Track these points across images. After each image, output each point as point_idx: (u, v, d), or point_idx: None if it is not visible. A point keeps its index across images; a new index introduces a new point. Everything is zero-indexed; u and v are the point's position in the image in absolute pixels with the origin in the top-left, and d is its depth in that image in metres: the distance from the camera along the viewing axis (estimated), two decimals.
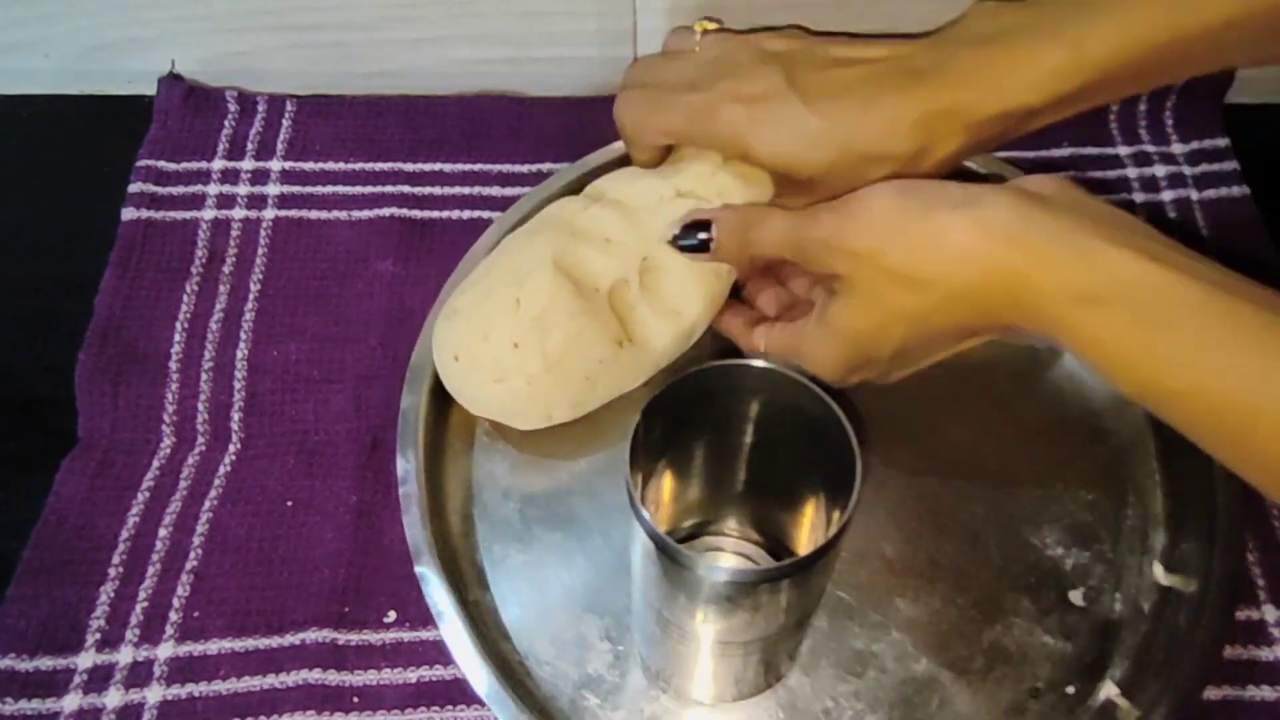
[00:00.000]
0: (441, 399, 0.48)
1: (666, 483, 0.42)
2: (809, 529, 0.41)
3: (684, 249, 0.44)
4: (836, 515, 0.35)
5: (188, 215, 0.56)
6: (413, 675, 0.44)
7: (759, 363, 0.37)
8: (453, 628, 0.42)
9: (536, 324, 0.44)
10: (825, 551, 0.33)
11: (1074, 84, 0.38)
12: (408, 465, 0.46)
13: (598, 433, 0.48)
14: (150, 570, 0.46)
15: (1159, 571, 0.46)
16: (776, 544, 0.45)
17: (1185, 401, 0.34)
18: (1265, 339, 0.32)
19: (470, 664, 0.42)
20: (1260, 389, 0.32)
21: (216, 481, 0.48)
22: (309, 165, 0.58)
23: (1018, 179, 0.39)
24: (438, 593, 0.43)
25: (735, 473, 0.43)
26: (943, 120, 0.40)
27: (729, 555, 0.45)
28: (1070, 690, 0.43)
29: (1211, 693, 0.43)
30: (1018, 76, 0.39)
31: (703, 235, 0.43)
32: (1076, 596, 0.45)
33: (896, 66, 0.41)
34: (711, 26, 0.46)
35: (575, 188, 0.54)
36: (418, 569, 0.44)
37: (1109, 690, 0.43)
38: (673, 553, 0.33)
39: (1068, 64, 0.38)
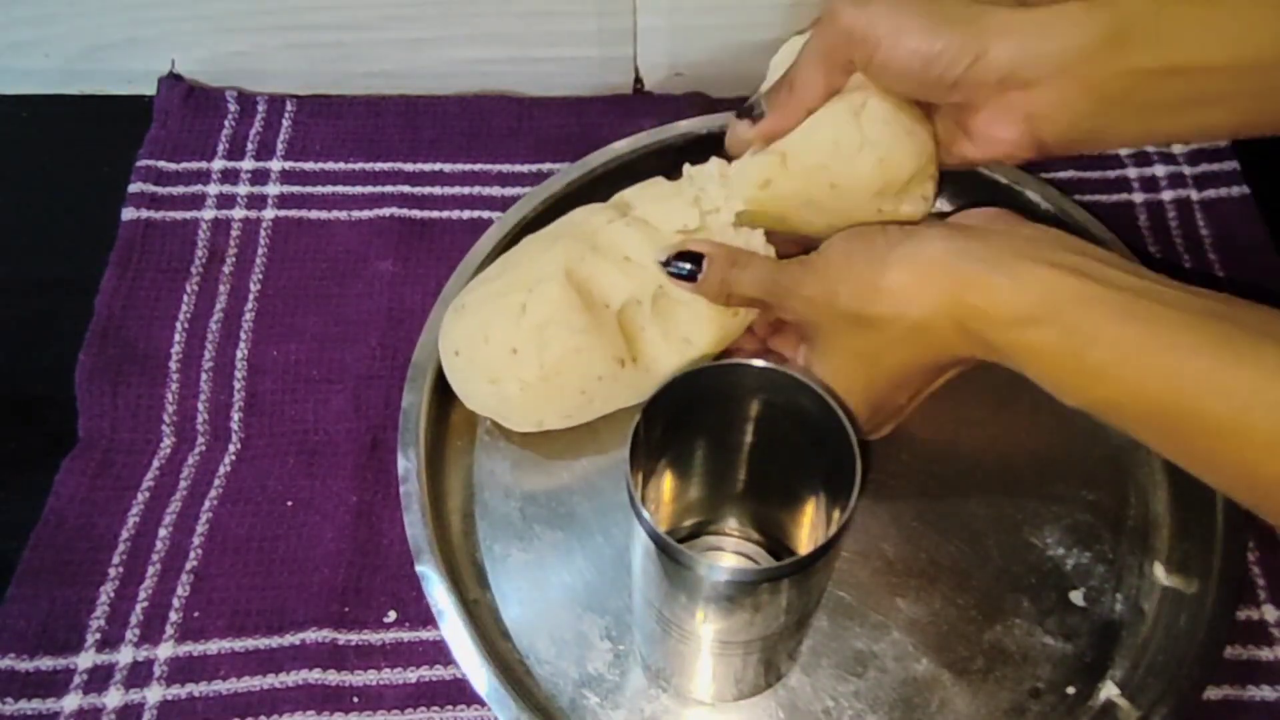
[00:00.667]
0: (443, 398, 0.48)
1: (667, 482, 0.42)
2: (809, 529, 0.41)
3: (671, 274, 0.44)
4: (836, 515, 0.35)
5: (188, 215, 0.56)
6: (413, 675, 0.44)
7: (759, 363, 0.37)
8: (453, 627, 0.42)
9: (537, 333, 0.43)
10: (825, 551, 0.33)
11: None
12: (409, 464, 0.46)
13: (598, 432, 0.48)
14: (150, 570, 0.46)
15: (1160, 572, 0.46)
16: (776, 544, 0.45)
17: (1122, 410, 0.34)
18: (1181, 341, 0.32)
19: (470, 663, 0.42)
20: (1181, 390, 0.32)
21: (216, 481, 0.48)
22: (309, 165, 0.58)
23: (956, 214, 0.40)
24: (438, 591, 0.43)
25: (735, 472, 0.43)
26: None
27: (729, 555, 0.45)
28: (1071, 691, 0.43)
29: (1211, 693, 0.43)
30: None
31: (690, 266, 0.44)
32: (1077, 597, 0.45)
33: None
34: None
35: (575, 188, 0.54)
36: (418, 568, 0.44)
37: (1109, 691, 0.43)
38: (673, 552, 0.33)
39: None
